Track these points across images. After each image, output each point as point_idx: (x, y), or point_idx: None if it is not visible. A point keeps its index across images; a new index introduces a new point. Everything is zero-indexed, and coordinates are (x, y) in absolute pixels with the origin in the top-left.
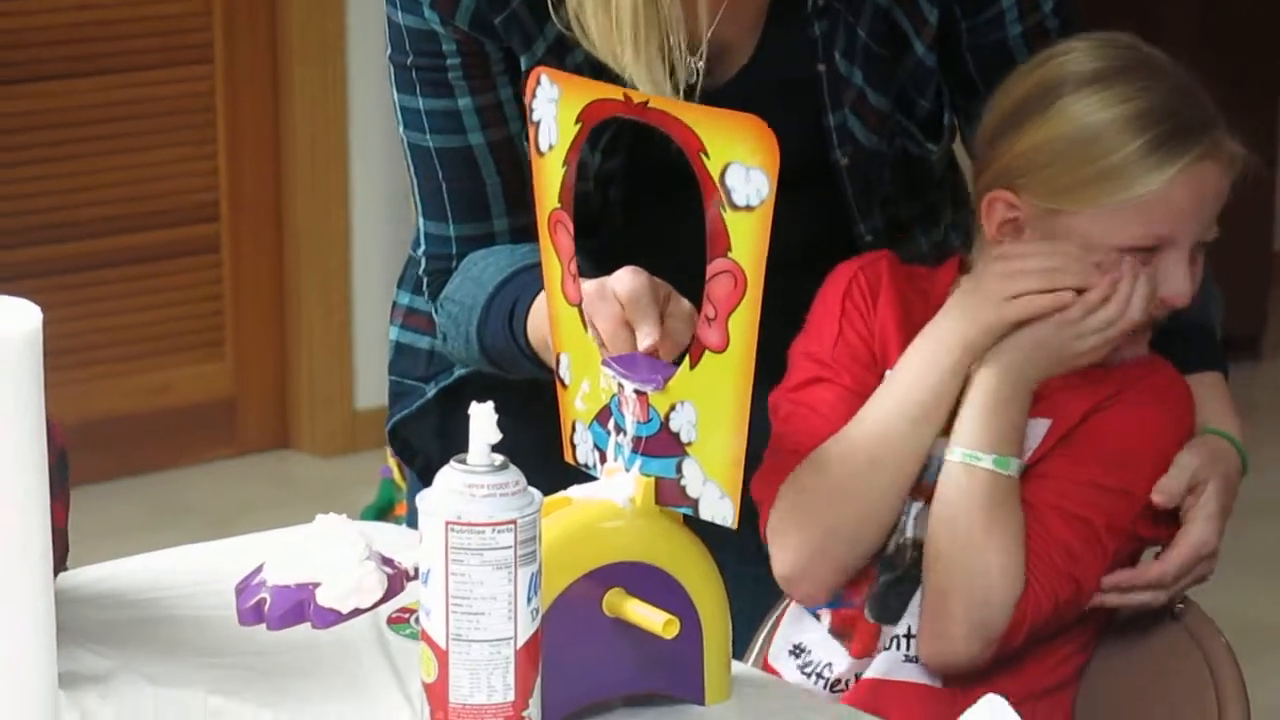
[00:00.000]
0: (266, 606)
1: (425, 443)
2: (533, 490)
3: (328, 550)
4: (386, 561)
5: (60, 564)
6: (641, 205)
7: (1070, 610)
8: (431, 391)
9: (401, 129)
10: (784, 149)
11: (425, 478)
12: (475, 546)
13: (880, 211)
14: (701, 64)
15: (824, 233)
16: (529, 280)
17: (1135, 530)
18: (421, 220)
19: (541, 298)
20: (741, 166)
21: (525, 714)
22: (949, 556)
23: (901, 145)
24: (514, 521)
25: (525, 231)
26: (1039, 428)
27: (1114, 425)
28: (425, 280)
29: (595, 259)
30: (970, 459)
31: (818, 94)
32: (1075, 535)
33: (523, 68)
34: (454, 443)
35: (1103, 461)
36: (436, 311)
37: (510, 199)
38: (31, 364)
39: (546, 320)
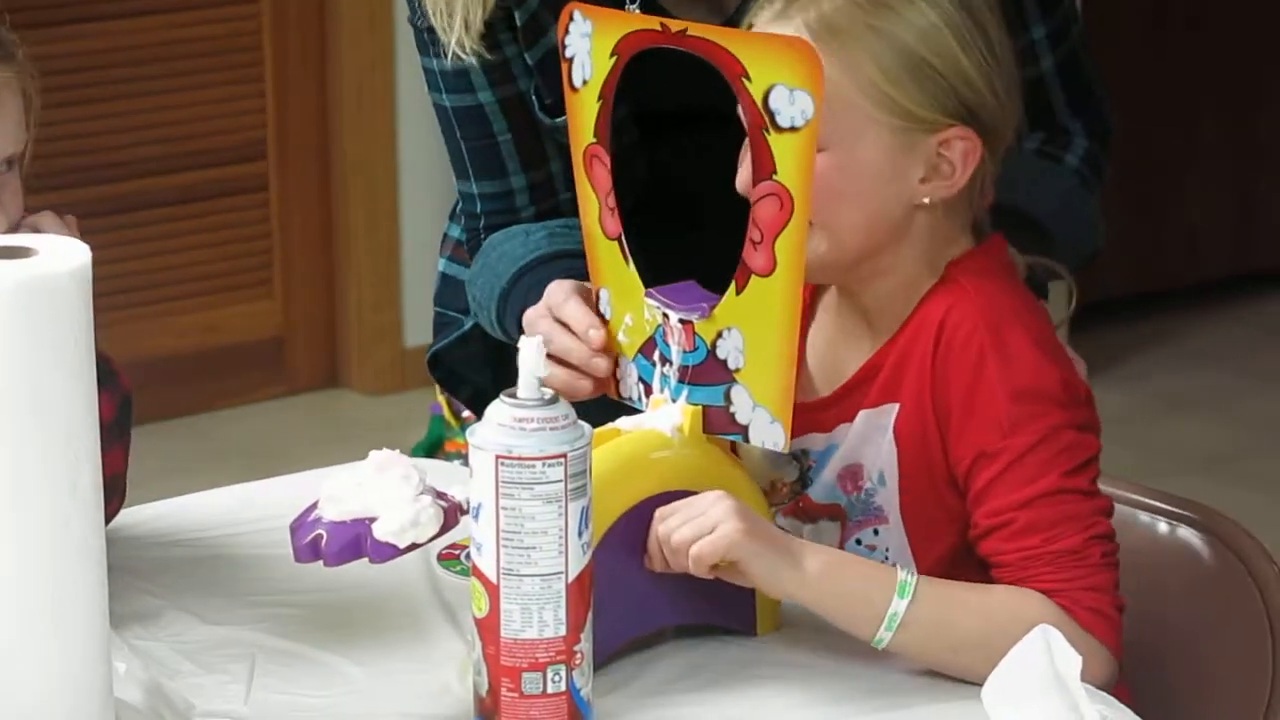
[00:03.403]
0: (323, 542)
1: (474, 372)
2: (582, 424)
3: (383, 485)
4: (439, 495)
5: (119, 507)
6: (655, 149)
7: (1113, 536)
8: (468, 324)
9: (427, 90)
10: None
11: (475, 406)
12: (525, 481)
13: None
14: None
15: None
16: (533, 284)
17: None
18: (455, 180)
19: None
20: (785, 88)
21: (577, 648)
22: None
23: None
24: (564, 455)
25: (542, 187)
26: (886, 416)
27: (965, 384)
28: (466, 242)
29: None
30: (882, 641)
31: None
32: (1042, 515)
33: (518, 23)
34: (503, 373)
35: (998, 425)
36: (467, 287)
37: (523, 155)
38: (80, 302)
39: None
